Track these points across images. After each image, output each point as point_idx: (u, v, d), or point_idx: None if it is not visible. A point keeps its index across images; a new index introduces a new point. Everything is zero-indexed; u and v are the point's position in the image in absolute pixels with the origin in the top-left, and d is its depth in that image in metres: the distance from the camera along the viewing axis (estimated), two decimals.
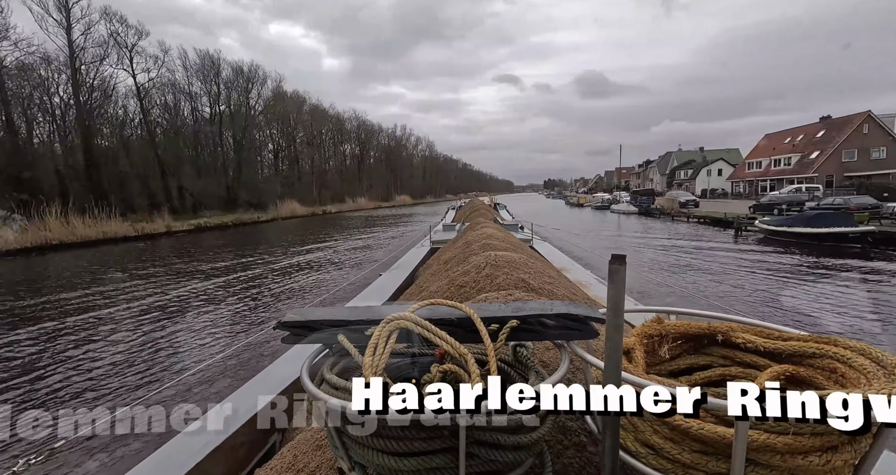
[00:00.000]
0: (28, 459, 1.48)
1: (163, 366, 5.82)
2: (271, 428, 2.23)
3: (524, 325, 1.02)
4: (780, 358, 1.01)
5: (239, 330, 7.23)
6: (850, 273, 10.47)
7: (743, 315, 1.22)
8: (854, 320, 7.02)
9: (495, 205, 26.67)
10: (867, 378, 0.83)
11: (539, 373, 0.98)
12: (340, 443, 0.89)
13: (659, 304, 1.35)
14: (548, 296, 2.60)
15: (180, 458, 1.72)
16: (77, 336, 7.09)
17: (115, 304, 8.98)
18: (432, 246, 8.37)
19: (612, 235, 21.24)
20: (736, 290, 9.09)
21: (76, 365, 5.87)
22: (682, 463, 0.82)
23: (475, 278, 3.07)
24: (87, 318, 8.04)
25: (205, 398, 5.15)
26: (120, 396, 5.02)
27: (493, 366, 0.92)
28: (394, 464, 0.81)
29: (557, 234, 14.69)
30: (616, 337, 0.75)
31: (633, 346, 1.08)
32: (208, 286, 10.55)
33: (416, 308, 1.05)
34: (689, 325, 1.15)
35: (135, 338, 6.92)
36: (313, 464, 1.44)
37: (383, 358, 0.90)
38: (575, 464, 1.16)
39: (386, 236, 21.54)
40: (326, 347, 1.09)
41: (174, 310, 8.50)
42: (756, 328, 1.11)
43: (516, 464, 0.87)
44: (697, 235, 19.07)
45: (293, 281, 11.13)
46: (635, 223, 27.14)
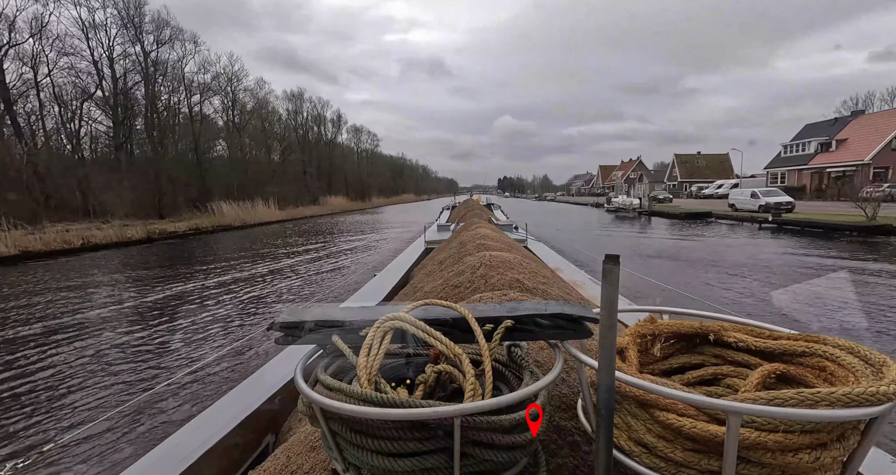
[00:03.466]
0: (16, 463, 1.45)
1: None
2: (265, 429, 2.23)
3: (519, 325, 1.02)
4: (771, 356, 1.03)
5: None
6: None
7: (735, 314, 1.23)
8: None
9: (489, 205, 26.73)
10: (855, 376, 0.84)
11: (534, 373, 0.98)
12: (335, 444, 0.89)
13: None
14: (542, 296, 2.61)
15: (172, 460, 1.71)
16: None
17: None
18: (427, 246, 8.37)
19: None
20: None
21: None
22: (674, 461, 0.83)
23: (470, 278, 3.07)
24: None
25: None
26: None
27: (487, 366, 0.92)
28: (388, 464, 0.81)
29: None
30: (610, 336, 0.75)
31: (626, 346, 1.09)
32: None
33: (411, 308, 1.05)
34: (682, 325, 1.16)
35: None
36: (307, 466, 1.44)
37: (378, 358, 0.90)
38: (569, 464, 1.17)
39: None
40: (320, 348, 1.09)
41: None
42: (747, 327, 1.12)
43: (511, 463, 0.87)
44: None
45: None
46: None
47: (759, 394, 0.77)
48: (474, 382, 0.88)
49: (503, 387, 1.02)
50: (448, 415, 0.76)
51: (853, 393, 0.71)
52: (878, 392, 0.71)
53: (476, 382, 0.88)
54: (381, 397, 0.79)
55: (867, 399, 0.71)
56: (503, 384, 1.03)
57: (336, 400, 0.81)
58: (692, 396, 0.78)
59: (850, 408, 0.71)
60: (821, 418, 0.71)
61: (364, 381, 0.86)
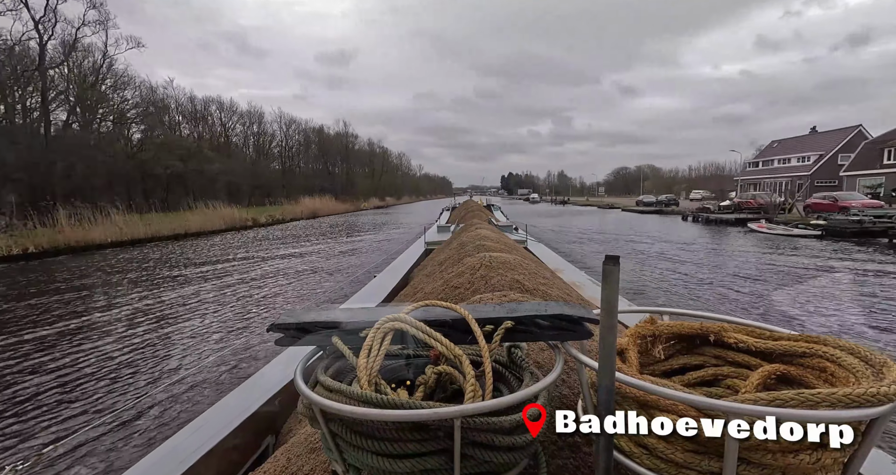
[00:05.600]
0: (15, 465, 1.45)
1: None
2: (265, 431, 2.22)
3: (519, 326, 1.02)
4: (771, 357, 1.03)
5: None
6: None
7: (735, 315, 1.23)
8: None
9: (489, 206, 26.73)
10: (856, 376, 0.84)
11: (534, 374, 0.98)
12: (335, 445, 0.88)
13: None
14: (542, 296, 2.61)
15: (171, 463, 1.70)
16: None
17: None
18: (427, 247, 8.37)
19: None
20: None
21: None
22: (675, 462, 0.82)
23: (470, 279, 3.08)
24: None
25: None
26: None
27: (487, 368, 0.92)
28: (389, 466, 0.81)
29: None
30: (610, 337, 0.75)
31: (626, 347, 1.09)
32: None
33: (411, 309, 1.05)
34: (682, 326, 1.16)
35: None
36: (307, 467, 1.43)
37: (378, 359, 0.90)
38: (570, 465, 1.17)
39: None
40: (320, 349, 1.09)
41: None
42: (748, 328, 1.12)
43: (511, 465, 0.87)
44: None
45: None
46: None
47: (760, 395, 0.77)
48: (474, 383, 0.87)
49: (503, 389, 1.01)
50: (448, 416, 0.76)
51: (854, 394, 0.71)
52: (879, 393, 0.71)
53: (476, 383, 0.88)
54: (382, 398, 0.79)
55: (868, 400, 0.71)
56: (503, 385, 1.03)
57: (336, 401, 0.81)
58: (692, 397, 0.78)
59: (850, 408, 0.71)
60: (821, 419, 0.71)
61: (364, 383, 0.86)
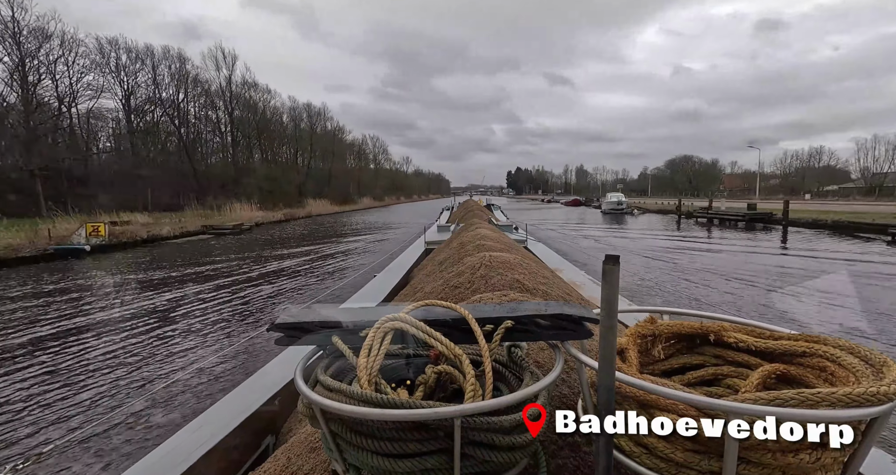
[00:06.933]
0: (15, 465, 1.45)
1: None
2: (265, 430, 2.22)
3: (519, 326, 1.02)
4: (771, 357, 1.03)
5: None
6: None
7: (735, 314, 1.23)
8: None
9: (490, 205, 26.75)
10: (856, 376, 0.84)
11: (534, 374, 0.98)
12: (335, 445, 0.88)
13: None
14: (542, 296, 2.61)
15: (171, 462, 1.70)
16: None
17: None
18: (427, 247, 8.37)
19: None
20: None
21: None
22: (675, 461, 0.82)
23: (470, 279, 3.07)
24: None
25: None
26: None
27: (487, 367, 0.92)
28: (389, 465, 0.81)
29: None
30: (610, 337, 0.75)
31: (626, 346, 1.09)
32: None
33: (411, 309, 1.05)
34: (682, 325, 1.16)
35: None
36: (307, 467, 1.43)
37: (378, 359, 0.90)
38: (570, 465, 1.17)
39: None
40: (320, 349, 1.09)
41: None
42: (747, 327, 1.12)
43: (511, 464, 0.87)
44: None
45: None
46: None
47: (760, 395, 0.77)
48: (474, 383, 0.88)
49: (503, 388, 1.02)
50: (448, 415, 0.76)
51: (854, 393, 0.71)
52: (879, 392, 0.71)
53: (476, 383, 0.88)
54: (382, 398, 0.79)
55: (868, 399, 0.71)
56: (503, 385, 1.03)
57: (336, 401, 0.81)
58: (692, 397, 0.78)
59: (850, 408, 0.71)
60: (821, 419, 0.71)
61: (364, 382, 0.86)
